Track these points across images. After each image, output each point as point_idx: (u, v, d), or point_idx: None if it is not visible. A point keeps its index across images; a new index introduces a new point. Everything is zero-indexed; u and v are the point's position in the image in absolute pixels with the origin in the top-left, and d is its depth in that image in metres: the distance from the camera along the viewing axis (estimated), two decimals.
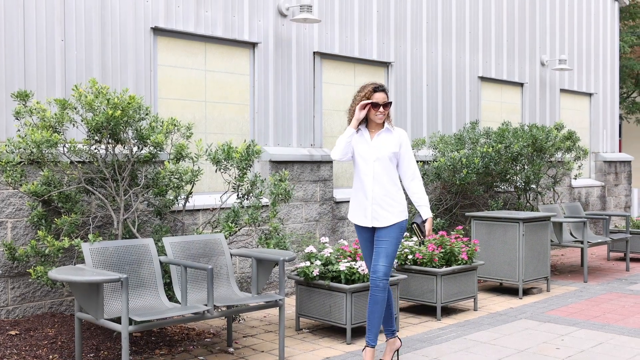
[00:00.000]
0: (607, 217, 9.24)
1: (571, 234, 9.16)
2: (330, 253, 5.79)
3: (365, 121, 4.88)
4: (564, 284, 8.18)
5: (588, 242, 8.48)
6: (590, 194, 12.43)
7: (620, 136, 18.90)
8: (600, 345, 5.50)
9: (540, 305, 6.97)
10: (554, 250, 10.83)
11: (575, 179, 11.30)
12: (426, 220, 4.85)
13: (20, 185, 5.21)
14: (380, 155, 4.77)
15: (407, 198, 4.95)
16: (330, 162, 7.89)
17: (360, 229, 4.91)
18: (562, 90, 12.11)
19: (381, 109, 4.77)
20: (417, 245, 6.52)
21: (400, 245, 6.52)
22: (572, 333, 5.85)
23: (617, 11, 13.58)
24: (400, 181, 4.89)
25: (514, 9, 10.95)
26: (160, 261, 5.05)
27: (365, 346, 4.79)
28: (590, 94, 12.80)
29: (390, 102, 4.83)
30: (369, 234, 4.88)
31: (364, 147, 4.82)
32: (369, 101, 4.73)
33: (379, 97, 4.77)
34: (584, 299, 7.33)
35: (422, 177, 8.28)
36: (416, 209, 4.91)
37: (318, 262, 5.70)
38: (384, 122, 4.87)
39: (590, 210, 12.16)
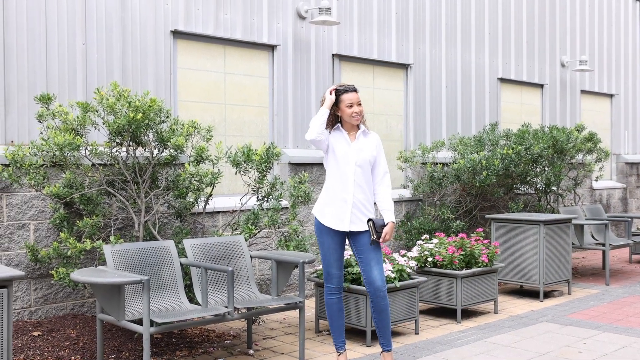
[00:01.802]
0: (629, 219, 9.15)
1: (592, 236, 9.07)
2: (349, 255, 5.78)
3: (340, 123, 4.75)
4: (586, 287, 8.10)
5: (610, 244, 8.40)
6: (612, 196, 12.31)
7: None
8: (624, 349, 5.44)
9: (562, 308, 6.91)
10: (575, 253, 10.73)
11: (597, 180, 11.21)
12: (387, 224, 4.65)
13: (43, 187, 5.26)
14: (361, 159, 4.67)
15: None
16: None
17: (330, 232, 4.71)
18: (583, 92, 12.00)
19: (356, 108, 4.64)
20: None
21: (420, 248, 6.51)
22: (594, 336, 5.79)
23: (638, 11, 13.43)
24: None
25: (533, 9, 10.87)
26: (180, 263, 5.07)
27: (382, 351, 4.82)
28: (611, 95, 12.68)
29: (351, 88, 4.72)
30: (341, 238, 4.74)
31: (345, 148, 4.68)
32: (337, 87, 4.66)
33: (351, 97, 4.65)
34: (606, 302, 7.25)
35: (442, 178, 8.24)
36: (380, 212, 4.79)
37: None
38: (358, 124, 4.76)
39: (611, 213, 12.03)
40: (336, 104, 4.68)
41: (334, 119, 4.73)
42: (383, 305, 4.70)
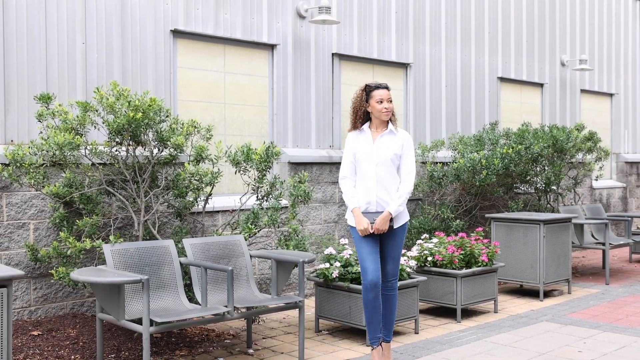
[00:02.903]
0: (629, 218, 9.15)
1: (592, 235, 9.07)
2: (349, 255, 5.78)
3: (368, 119, 4.82)
4: (586, 286, 8.10)
5: (610, 243, 8.40)
6: (612, 195, 12.31)
7: None
8: (624, 348, 5.44)
9: (562, 308, 6.91)
10: (575, 252, 10.73)
11: (597, 180, 11.20)
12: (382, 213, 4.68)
13: (43, 186, 5.26)
14: (382, 158, 4.70)
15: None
16: None
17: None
18: (583, 91, 12.00)
19: (386, 104, 4.69)
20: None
21: (420, 247, 6.51)
22: (594, 336, 5.79)
23: (638, 11, 13.43)
24: None
25: (533, 9, 10.87)
26: (180, 262, 5.07)
27: (382, 341, 4.91)
28: (611, 94, 12.67)
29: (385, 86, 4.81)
30: (372, 237, 4.75)
31: (366, 148, 4.73)
32: (370, 84, 4.77)
33: (382, 94, 4.71)
34: (605, 301, 7.26)
35: (442, 178, 8.24)
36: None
37: (337, 264, 5.70)
38: (387, 123, 4.79)
39: (611, 212, 12.03)
40: (367, 100, 4.76)
41: (364, 116, 4.81)
42: (390, 297, 4.88)
